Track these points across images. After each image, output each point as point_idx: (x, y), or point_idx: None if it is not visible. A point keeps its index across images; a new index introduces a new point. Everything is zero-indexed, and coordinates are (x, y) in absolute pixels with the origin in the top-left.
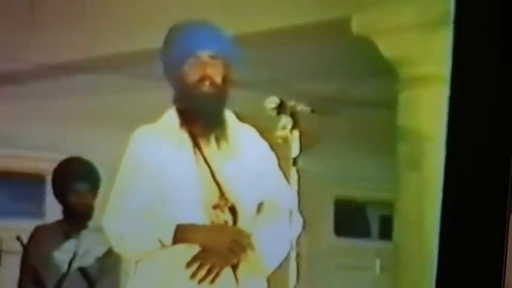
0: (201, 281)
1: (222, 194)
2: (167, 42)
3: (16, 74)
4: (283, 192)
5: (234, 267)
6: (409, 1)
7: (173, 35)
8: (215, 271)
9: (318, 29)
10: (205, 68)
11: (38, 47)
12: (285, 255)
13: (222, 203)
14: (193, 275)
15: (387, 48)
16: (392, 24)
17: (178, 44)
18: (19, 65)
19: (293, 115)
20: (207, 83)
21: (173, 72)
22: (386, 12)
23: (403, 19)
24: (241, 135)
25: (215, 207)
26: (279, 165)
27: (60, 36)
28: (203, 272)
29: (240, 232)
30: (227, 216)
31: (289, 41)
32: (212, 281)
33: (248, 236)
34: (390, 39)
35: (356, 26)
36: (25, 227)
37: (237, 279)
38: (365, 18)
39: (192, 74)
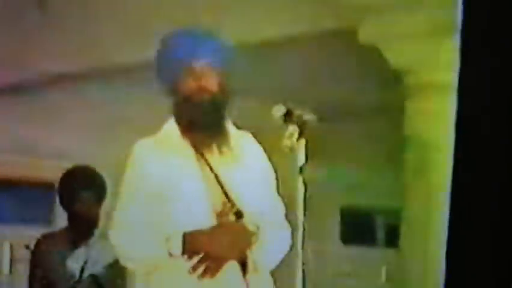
0: (202, 275)
1: (228, 199)
2: (160, 53)
3: (25, 83)
4: (275, 200)
5: (244, 271)
6: (415, 10)
7: (165, 46)
8: (217, 265)
9: (325, 38)
10: (201, 79)
11: (48, 56)
12: (279, 259)
13: (228, 209)
14: (194, 269)
15: (393, 57)
16: (398, 33)
17: (170, 54)
18: (29, 74)
19: (300, 124)
20: (204, 94)
21: (168, 83)
22: (392, 21)
23: (409, 28)
24: (240, 141)
25: (221, 212)
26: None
27: (70, 46)
28: (203, 266)
29: (246, 229)
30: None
31: (297, 50)
32: (212, 275)
33: (253, 233)
34: (397, 48)
35: (363, 35)
36: (35, 234)
37: (246, 283)
38: (371, 27)
39: (188, 85)
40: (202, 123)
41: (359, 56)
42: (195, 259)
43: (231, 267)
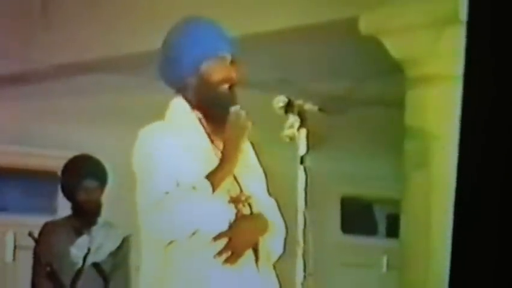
0: (225, 261)
1: (240, 188)
2: (180, 35)
3: (30, 74)
4: (266, 191)
5: (256, 258)
6: (416, 1)
7: (190, 30)
8: (239, 252)
9: (326, 29)
10: (230, 70)
11: (50, 47)
12: (282, 251)
13: (243, 197)
14: (219, 254)
15: (394, 47)
16: (399, 24)
17: (199, 40)
18: (33, 65)
19: (301, 114)
20: (227, 85)
21: (184, 66)
22: (393, 12)
23: (410, 19)
24: None
25: (236, 200)
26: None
27: (74, 37)
28: (228, 252)
29: (263, 216)
30: (247, 210)
31: (297, 40)
32: (233, 262)
33: (267, 221)
34: (398, 38)
35: (364, 25)
36: (38, 222)
37: (258, 269)
38: (372, 18)
39: (213, 74)
40: (219, 114)
41: (360, 46)
42: (219, 244)
43: (246, 253)
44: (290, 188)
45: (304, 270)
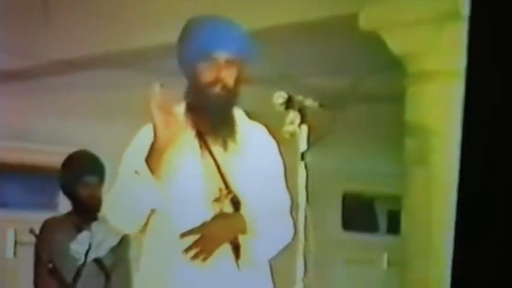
0: (193, 257)
1: (226, 187)
2: (185, 35)
3: (30, 70)
4: (281, 194)
5: (236, 255)
6: None
7: (192, 30)
8: (209, 249)
9: (326, 24)
10: (220, 70)
11: (52, 43)
12: (278, 250)
13: (224, 195)
14: (187, 251)
15: (395, 43)
16: (399, 20)
17: (195, 40)
18: (33, 60)
19: (301, 110)
20: (219, 86)
21: (186, 67)
22: (393, 8)
23: (411, 14)
24: (249, 134)
25: (217, 199)
26: (285, 165)
27: (73, 33)
28: (197, 249)
29: (239, 214)
30: (229, 208)
31: (298, 36)
32: (204, 258)
33: (245, 219)
34: (398, 34)
35: (364, 21)
36: (39, 219)
37: (239, 267)
38: (373, 14)
39: (205, 74)
40: (210, 112)
41: (360, 42)
42: (189, 240)
43: (223, 250)
44: (291, 184)
45: (305, 267)
